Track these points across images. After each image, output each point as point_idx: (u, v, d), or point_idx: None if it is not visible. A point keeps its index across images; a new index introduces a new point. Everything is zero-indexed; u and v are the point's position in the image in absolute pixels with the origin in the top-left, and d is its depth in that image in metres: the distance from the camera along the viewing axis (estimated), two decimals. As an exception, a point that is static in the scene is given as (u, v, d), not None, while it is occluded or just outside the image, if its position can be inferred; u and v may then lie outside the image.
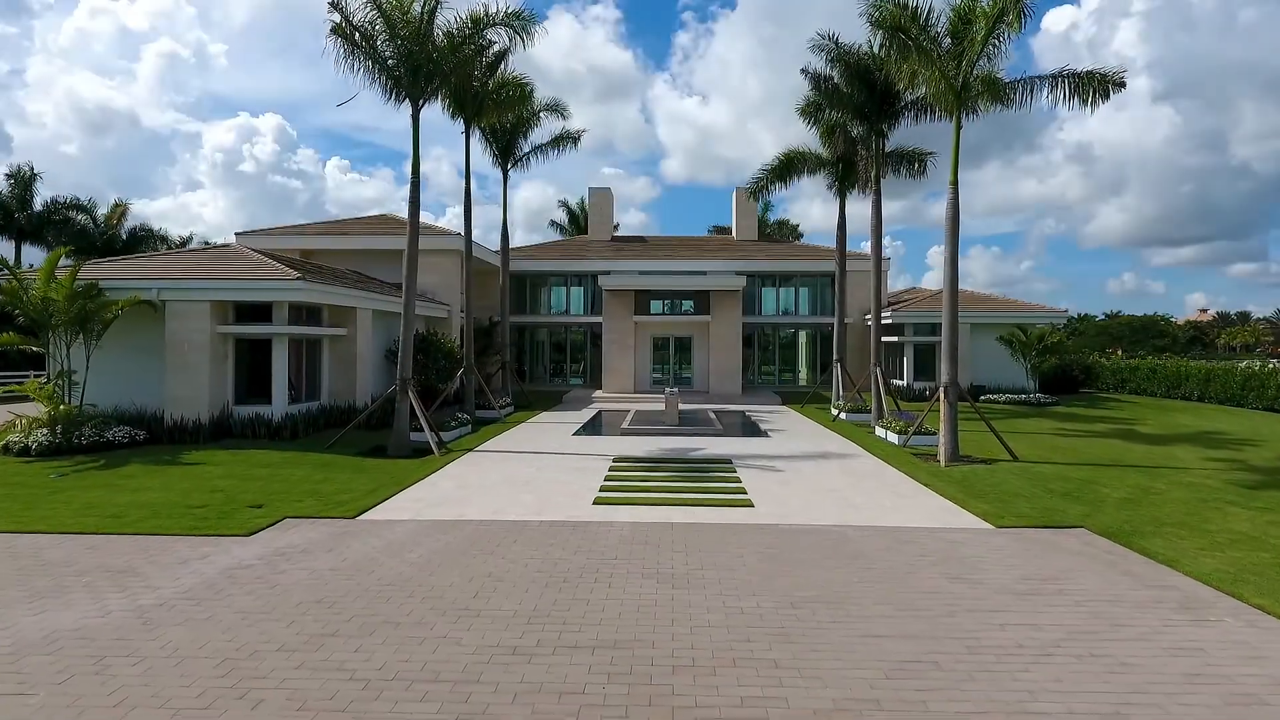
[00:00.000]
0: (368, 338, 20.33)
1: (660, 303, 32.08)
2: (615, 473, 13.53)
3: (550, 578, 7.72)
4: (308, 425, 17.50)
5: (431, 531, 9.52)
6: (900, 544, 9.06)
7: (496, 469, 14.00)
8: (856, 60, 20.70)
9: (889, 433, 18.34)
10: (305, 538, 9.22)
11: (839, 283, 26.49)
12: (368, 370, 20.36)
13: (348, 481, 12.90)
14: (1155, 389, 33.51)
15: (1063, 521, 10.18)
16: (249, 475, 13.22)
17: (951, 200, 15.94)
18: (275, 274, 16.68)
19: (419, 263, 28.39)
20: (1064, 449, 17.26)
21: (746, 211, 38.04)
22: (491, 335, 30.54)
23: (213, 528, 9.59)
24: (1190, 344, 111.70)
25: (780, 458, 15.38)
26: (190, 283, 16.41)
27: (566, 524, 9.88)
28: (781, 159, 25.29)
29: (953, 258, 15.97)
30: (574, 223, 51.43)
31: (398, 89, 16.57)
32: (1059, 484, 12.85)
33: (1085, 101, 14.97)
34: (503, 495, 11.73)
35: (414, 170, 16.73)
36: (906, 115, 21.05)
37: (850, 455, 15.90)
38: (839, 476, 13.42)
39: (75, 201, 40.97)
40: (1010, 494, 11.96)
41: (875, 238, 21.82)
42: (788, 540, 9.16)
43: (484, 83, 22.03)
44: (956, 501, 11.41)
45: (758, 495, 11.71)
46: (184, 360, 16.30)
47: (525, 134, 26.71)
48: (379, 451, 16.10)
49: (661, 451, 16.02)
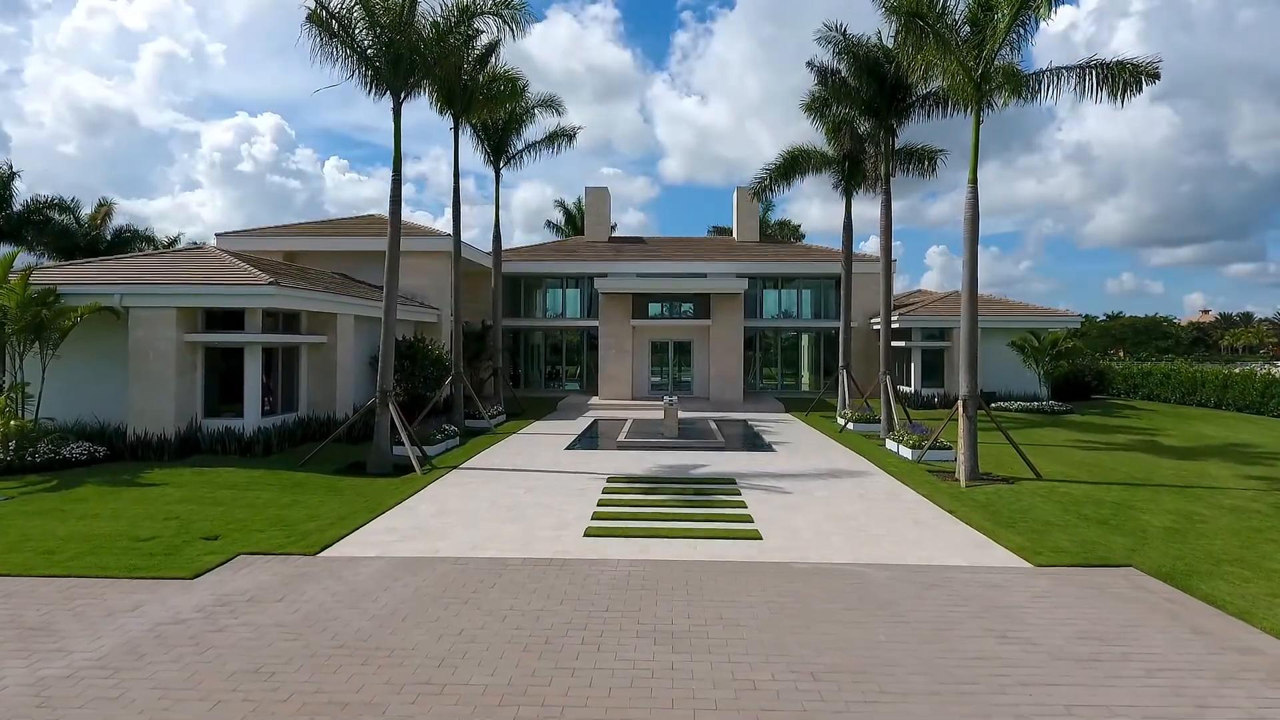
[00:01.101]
0: (349, 345, 19.24)
1: (659, 306, 31.01)
2: (609, 495, 12.46)
3: (531, 637, 6.65)
4: (283, 439, 16.42)
5: (400, 572, 8.44)
6: (930, 588, 7.99)
7: (481, 490, 12.93)
8: (866, 52, 19.66)
9: (901, 446, 17.28)
10: (256, 581, 8.13)
11: (845, 286, 25.45)
12: (349, 379, 19.27)
13: (318, 506, 11.83)
14: (1169, 395, 32.47)
15: (1108, 559, 9.11)
16: (211, 499, 12.14)
17: (971, 200, 14.88)
18: (246, 278, 15.59)
19: (407, 265, 27.48)
20: (1088, 465, 16.21)
21: (748, 212, 36.97)
22: (484, 340, 29.46)
23: (155, 568, 8.51)
24: (1193, 345, 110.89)
25: (787, 476, 14.32)
26: (155, 288, 15.31)
27: (553, 563, 8.81)
28: (785, 157, 24.24)
29: (972, 261, 14.91)
30: (570, 223, 50.33)
31: (378, 81, 15.50)
32: (1092, 509, 11.79)
33: (1115, 94, 13.91)
34: (484, 524, 10.65)
35: (395, 167, 15.66)
36: (918, 111, 20.01)
37: (862, 473, 14.83)
38: (853, 500, 12.35)
39: (57, 201, 39.72)
40: (1042, 522, 10.90)
41: (885, 240, 20.77)
42: (802, 585, 8.09)
43: (473, 76, 20.97)
44: (985, 532, 10.35)
45: (766, 524, 10.64)
46: (148, 371, 15.21)
47: (518, 131, 25.66)
48: (357, 468, 15.03)
49: (660, 469, 14.95)
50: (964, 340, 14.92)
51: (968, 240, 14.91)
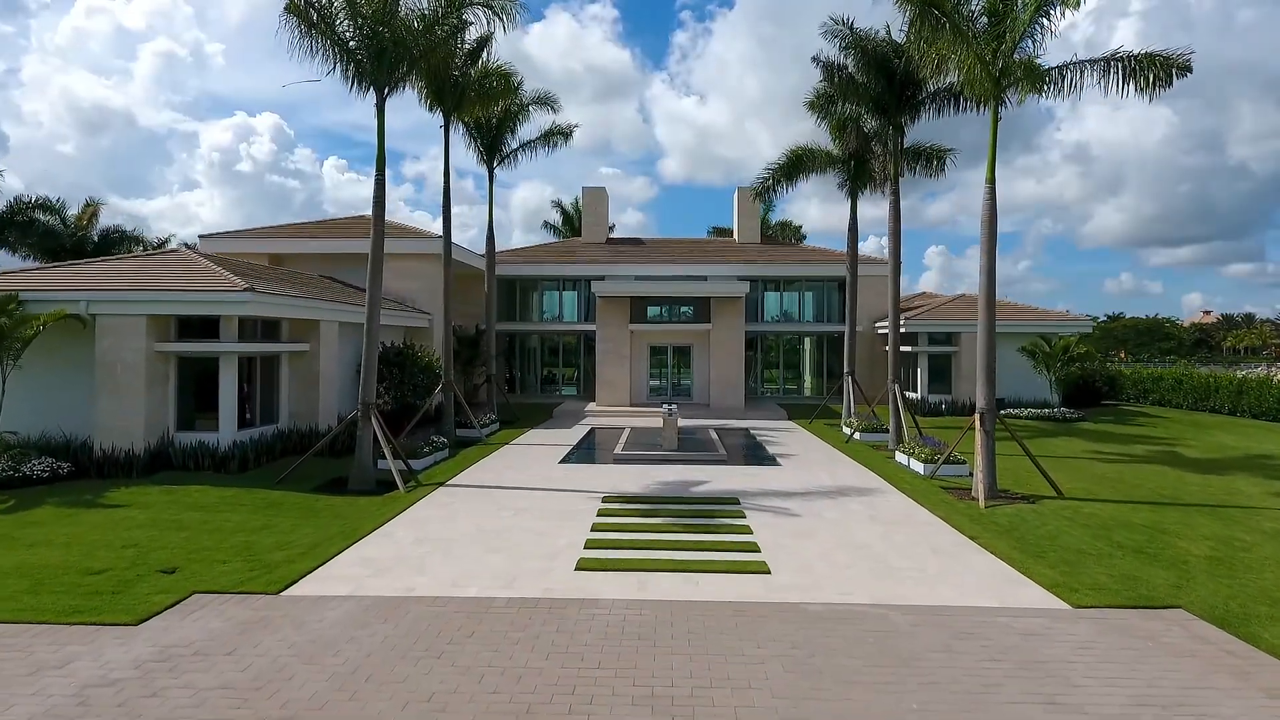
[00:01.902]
0: (334, 352, 18.36)
1: (658, 309, 30.15)
2: (605, 519, 11.61)
3: (511, 704, 5.79)
4: (261, 453, 15.55)
5: (370, 617, 7.58)
6: (962, 637, 7.14)
7: (466, 512, 12.07)
8: (874, 47, 18.82)
9: (912, 460, 16.43)
10: (207, 629, 7.27)
11: (850, 289, 24.62)
12: (333, 389, 18.38)
13: (290, 530, 10.98)
14: (1182, 401, 31.63)
15: (1152, 598, 8.27)
16: (176, 523, 11.28)
17: (988, 201, 14.05)
18: (220, 284, 14.71)
19: (397, 268, 26.63)
20: (1110, 480, 15.38)
21: (749, 212, 36.09)
22: (478, 345, 28.59)
23: (97, 610, 7.66)
24: (1195, 347, 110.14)
25: (794, 495, 13.47)
26: (123, 295, 14.43)
27: (540, 604, 7.95)
28: (789, 157, 23.40)
29: (989, 266, 14.08)
30: (568, 223, 49.46)
31: (360, 76, 14.65)
32: (1124, 534, 10.95)
33: (1143, 88, 13.08)
34: (467, 554, 9.79)
35: (379, 167, 14.80)
36: (928, 108, 19.15)
37: (873, 491, 13.98)
38: (866, 523, 11.50)
39: (42, 201, 38.78)
40: (1073, 551, 10.05)
41: (893, 242, 19.92)
42: (818, 634, 7.23)
43: (464, 72, 20.14)
44: (1013, 563, 9.50)
45: (773, 553, 9.79)
46: (116, 383, 14.34)
47: (512, 129, 24.82)
48: (338, 485, 14.18)
49: (659, 486, 14.10)
50: (981, 349, 14.09)
51: (985, 244, 14.07)
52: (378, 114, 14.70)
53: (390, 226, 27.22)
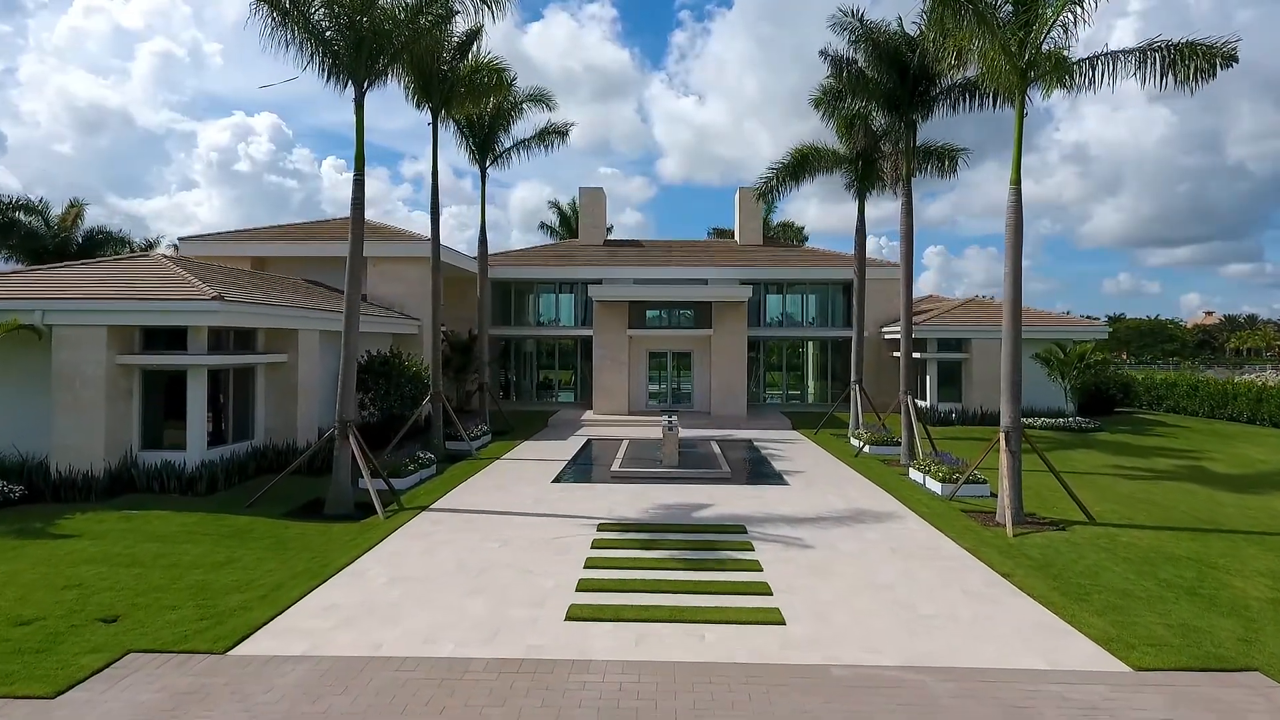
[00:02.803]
0: (314, 363, 17.32)
1: (657, 314, 29.13)
2: (600, 551, 10.59)
3: (480, 817, 4.78)
4: (233, 473, 14.53)
5: (324, 687, 6.57)
6: (1013, 711, 6.13)
7: (448, 543, 11.05)
8: (886, 39, 17.82)
9: (928, 478, 15.43)
10: (133, 703, 6.26)
11: (858, 293, 23.63)
12: (313, 402, 17.34)
13: (253, 566, 9.97)
14: (1197, 408, 30.68)
15: (1221, 657, 7.26)
16: (129, 557, 10.27)
17: (1013, 204, 13.05)
18: (186, 292, 13.67)
19: (384, 272, 25.53)
20: (1140, 501, 14.39)
21: (750, 214, 35.03)
22: (470, 351, 27.57)
23: (12, 677, 6.64)
24: (1199, 348, 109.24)
25: (805, 521, 12.46)
26: (81, 304, 13.39)
27: (525, 667, 6.94)
28: (794, 156, 22.40)
29: (1015, 273, 13.08)
30: (565, 224, 48.44)
31: (337, 68, 13.63)
32: (1169, 570, 9.96)
33: (1183, 80, 12.07)
34: (445, 598, 8.78)
35: (357, 166, 13.80)
36: (942, 104, 18.15)
37: (890, 516, 12.97)
38: (886, 557, 10.49)
39: (23, 202, 37.70)
40: (1119, 593, 9.05)
41: (906, 245, 18.90)
42: (844, 706, 6.22)
43: (453, 66, 19.13)
44: (1056, 608, 8.49)
45: (787, 597, 8.79)
46: (75, 399, 13.32)
47: (506, 127, 23.80)
48: (314, 509, 13.17)
49: (658, 511, 13.08)
50: (1007, 362, 13.09)
51: (1010, 249, 13.07)
52: (356, 109, 13.69)
53: (377, 229, 26.22)
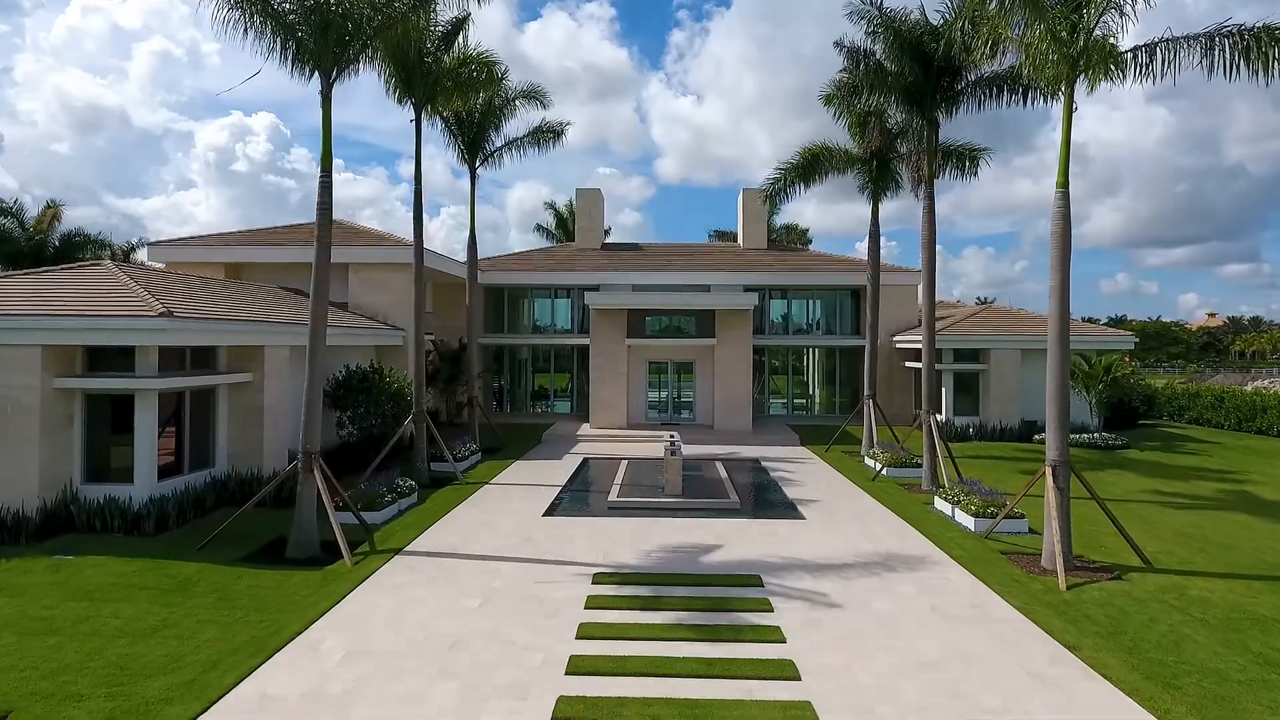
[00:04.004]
0: (283, 382, 15.82)
1: (658, 321, 27.67)
2: (595, 613, 9.13)
3: None
4: (188, 507, 13.05)
5: (237, 836, 5.11)
6: None
7: (421, 601, 9.59)
8: (908, 29, 16.39)
9: (958, 511, 13.99)
10: None
11: (872, 301, 22.25)
12: (282, 425, 15.82)
13: (189, 635, 8.51)
14: (1223, 420, 29.30)
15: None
16: (46, 621, 8.82)
17: (1060, 209, 11.61)
18: (130, 308, 12.18)
19: (367, 279, 23.67)
20: (1194, 538, 12.96)
21: (754, 216, 33.57)
22: (460, 361, 26.09)
23: None
24: (1204, 351, 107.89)
25: (827, 569, 11.00)
26: (12, 321, 11.89)
27: (495, 802, 5.48)
28: (805, 156, 21.02)
29: (1062, 286, 11.62)
30: (562, 226, 46.98)
31: (301, 56, 12.17)
32: (1259, 638, 8.54)
33: (1257, 70, 10.65)
34: (410, 684, 7.32)
35: (324, 167, 12.34)
36: (967, 99, 16.74)
37: (924, 561, 11.51)
38: (927, 620, 9.04)
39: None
40: (1212, 674, 7.61)
41: (928, 251, 17.44)
42: None
43: (438, 58, 17.69)
44: (1142, 699, 7.06)
45: (818, 682, 7.34)
46: (4, 428, 11.85)
47: (497, 126, 22.38)
48: (275, 551, 11.72)
49: (662, 555, 11.63)
50: (1053, 386, 11.66)
51: (1056, 260, 11.61)
52: (323, 103, 12.22)
53: (360, 233, 24.75)
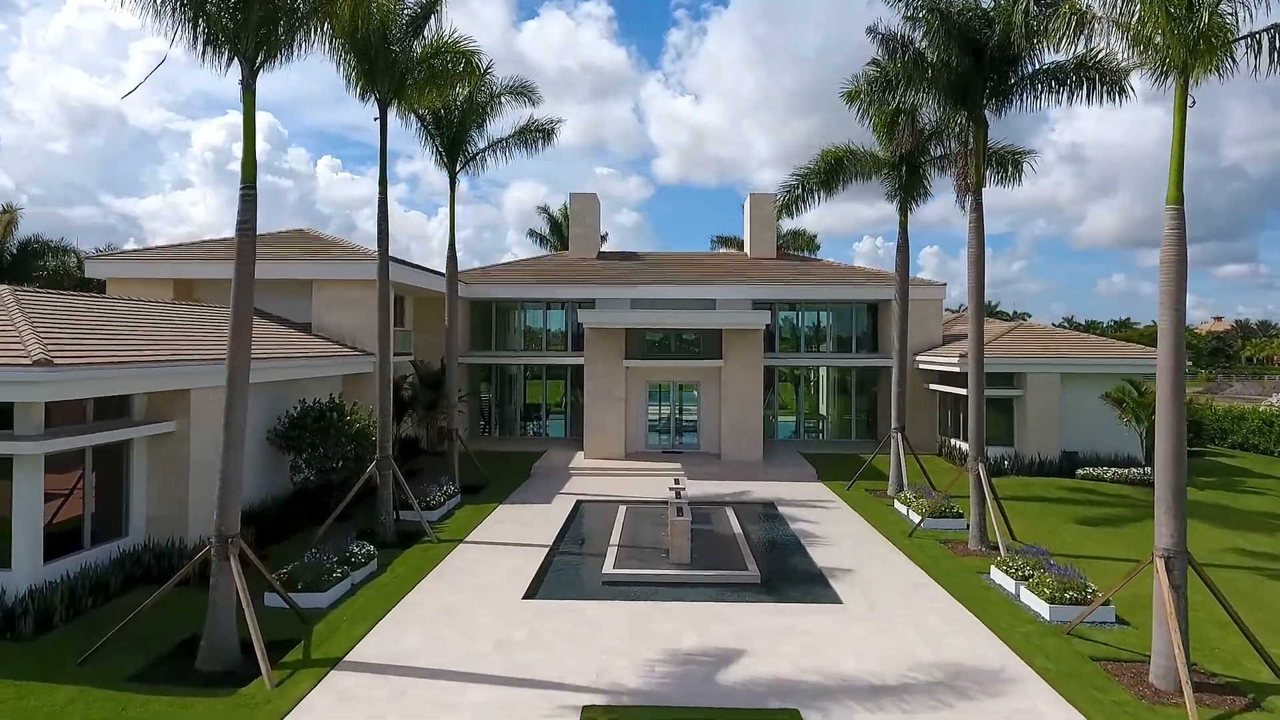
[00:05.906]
0: (216, 429, 13.28)
1: (658, 340, 25.25)
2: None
3: None
4: (86, 594, 10.59)
5: None
6: None
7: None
8: (957, 13, 13.97)
9: (1023, 589, 11.59)
10: None
11: (900, 319, 19.93)
12: (215, 480, 13.30)
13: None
14: (1272, 446, 26.98)
15: None
16: None
17: (1173, 228, 9.20)
18: (1, 354, 9.72)
19: (331, 298, 20.42)
20: (1321, 631, 10.54)
21: (764, 223, 31.05)
22: (441, 385, 23.60)
23: None
24: (1213, 356, 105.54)
25: (882, 694, 8.58)
26: None
27: None
28: (826, 160, 18.70)
29: (1177, 328, 9.18)
30: (556, 231, 44.50)
31: (216, 43, 9.72)
32: None
33: None
34: None
35: (245, 171, 9.87)
36: (1022, 94, 14.36)
37: (1001, 678, 9.07)
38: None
39: (-55, 210, 33.75)
40: None
41: (975, 271, 14.96)
42: None
43: (405, 46, 15.26)
44: None
45: None
46: None
47: (480, 125, 19.94)
48: (186, 656, 9.33)
49: (669, 669, 9.19)
50: (1164, 454, 9.21)
51: (1170, 299, 9.18)
52: (244, 95, 9.76)
53: (326, 244, 22.23)
